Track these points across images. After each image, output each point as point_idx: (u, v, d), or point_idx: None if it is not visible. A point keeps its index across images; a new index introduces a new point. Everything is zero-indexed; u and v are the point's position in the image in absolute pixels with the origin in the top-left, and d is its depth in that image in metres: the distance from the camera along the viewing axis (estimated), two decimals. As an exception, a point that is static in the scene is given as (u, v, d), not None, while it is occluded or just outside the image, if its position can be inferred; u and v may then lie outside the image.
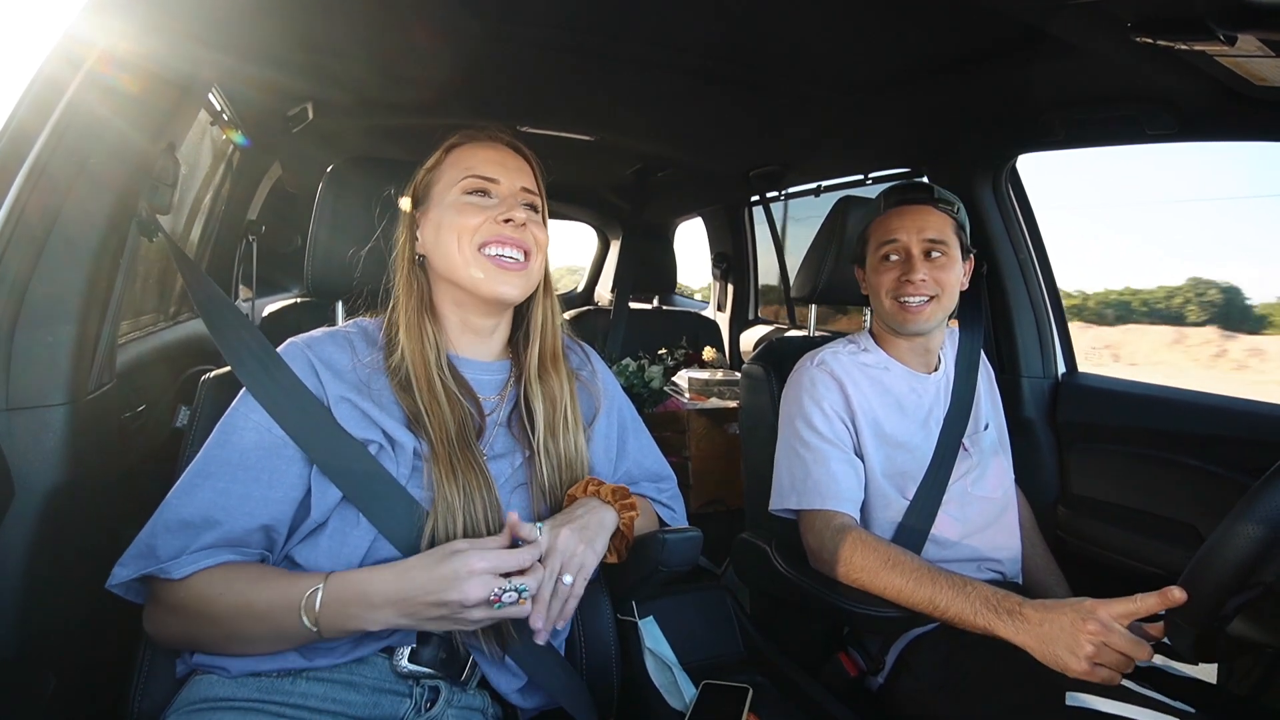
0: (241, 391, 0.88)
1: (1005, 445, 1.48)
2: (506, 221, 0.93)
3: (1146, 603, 0.92)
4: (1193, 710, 0.95)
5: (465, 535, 0.85)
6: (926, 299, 1.31)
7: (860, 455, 1.33)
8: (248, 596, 0.79)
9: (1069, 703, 0.95)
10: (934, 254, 1.32)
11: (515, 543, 0.83)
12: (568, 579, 0.84)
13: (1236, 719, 0.99)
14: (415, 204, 0.99)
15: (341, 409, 0.87)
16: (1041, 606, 1.01)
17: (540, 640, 0.83)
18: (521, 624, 0.85)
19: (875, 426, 1.34)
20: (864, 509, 1.32)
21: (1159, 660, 1.10)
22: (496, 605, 0.76)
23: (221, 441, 0.85)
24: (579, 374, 1.08)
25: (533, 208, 0.99)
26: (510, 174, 0.97)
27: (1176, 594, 0.88)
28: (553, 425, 0.99)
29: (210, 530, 0.81)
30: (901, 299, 1.32)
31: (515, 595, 0.77)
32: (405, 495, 0.86)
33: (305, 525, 0.85)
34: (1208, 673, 1.23)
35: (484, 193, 0.95)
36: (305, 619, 0.77)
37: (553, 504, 0.97)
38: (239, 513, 0.82)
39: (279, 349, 0.91)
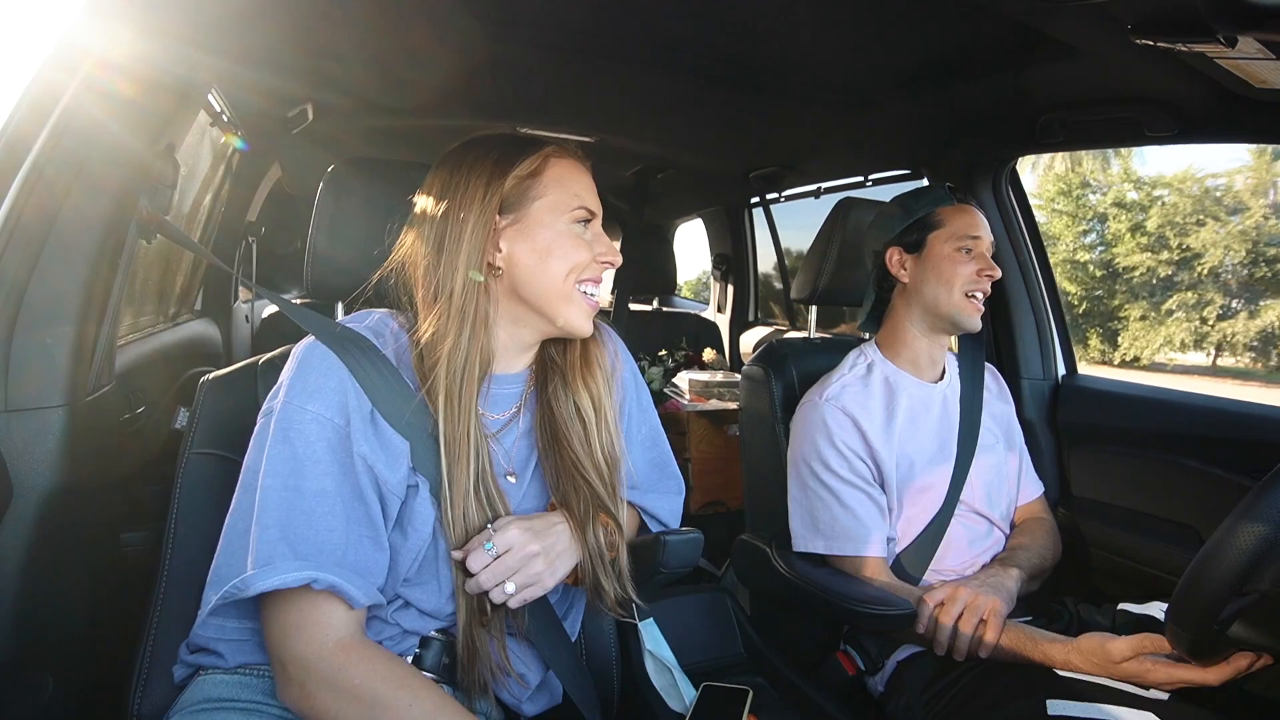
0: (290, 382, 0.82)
1: (1021, 456, 1.48)
2: (605, 263, 0.93)
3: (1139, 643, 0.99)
4: (1165, 696, 0.97)
5: None
6: (984, 295, 1.34)
7: (881, 485, 1.31)
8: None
9: (1050, 712, 0.97)
10: (990, 254, 1.35)
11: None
12: (510, 587, 0.84)
13: (1208, 700, 1.00)
14: (501, 209, 0.89)
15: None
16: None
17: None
18: (539, 614, 0.88)
19: (892, 452, 1.31)
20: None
21: None
22: None
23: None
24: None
25: None
26: (599, 205, 0.95)
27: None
28: (588, 426, 0.95)
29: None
30: (973, 293, 1.32)
31: None
32: None
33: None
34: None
35: (587, 224, 0.93)
36: None
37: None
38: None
39: (308, 346, 0.85)
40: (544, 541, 0.86)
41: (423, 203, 0.91)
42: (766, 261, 3.43)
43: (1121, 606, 1.19)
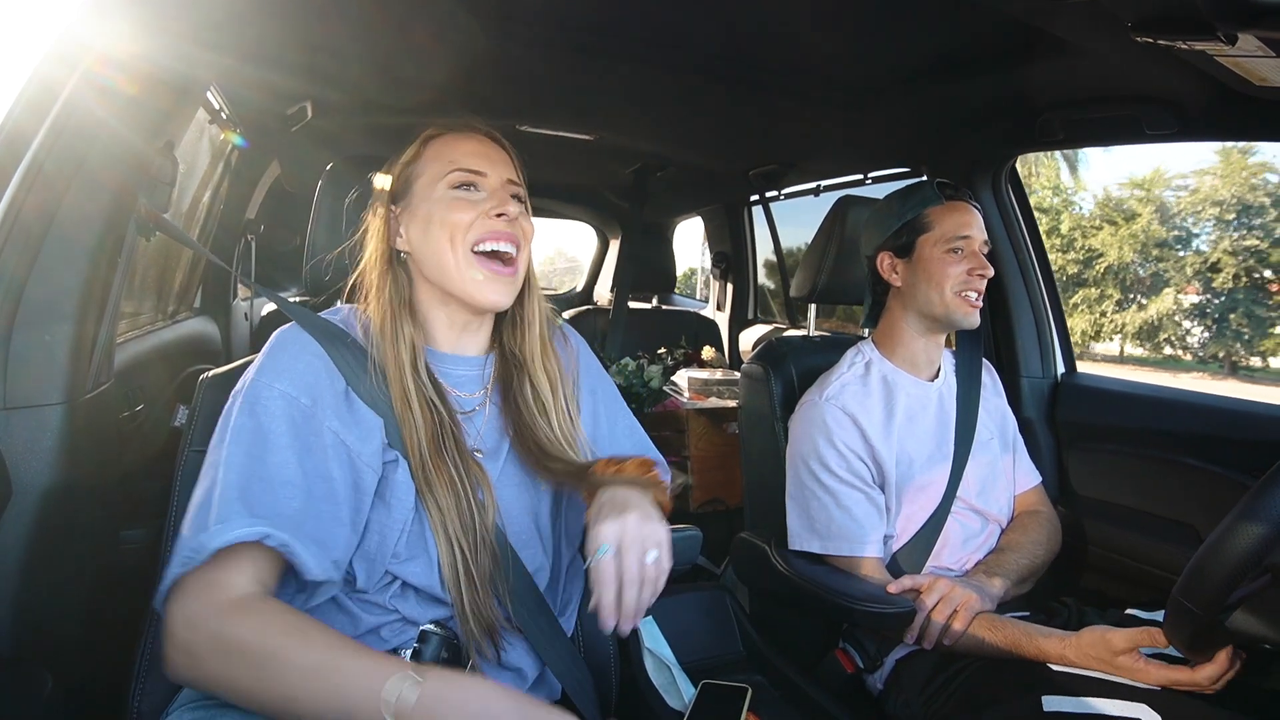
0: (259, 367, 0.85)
1: (1016, 448, 1.48)
2: (499, 216, 0.91)
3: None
4: (1158, 689, 0.97)
5: (462, 542, 0.84)
6: (978, 294, 1.33)
7: (880, 485, 1.32)
8: (327, 658, 0.69)
9: (1046, 708, 0.98)
10: (984, 252, 1.34)
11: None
12: (652, 555, 0.80)
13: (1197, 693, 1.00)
14: (393, 199, 0.96)
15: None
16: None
17: (625, 628, 0.78)
18: (533, 612, 0.89)
19: (891, 450, 1.32)
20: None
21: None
22: None
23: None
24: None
25: (518, 199, 0.97)
26: (495, 166, 0.95)
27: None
28: (549, 411, 0.97)
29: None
30: (966, 293, 1.31)
31: None
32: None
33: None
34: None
35: (472, 185, 0.93)
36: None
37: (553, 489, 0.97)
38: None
39: (282, 330, 0.90)
40: (628, 505, 0.82)
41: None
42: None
43: (1129, 612, 1.20)
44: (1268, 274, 13.53)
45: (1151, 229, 14.79)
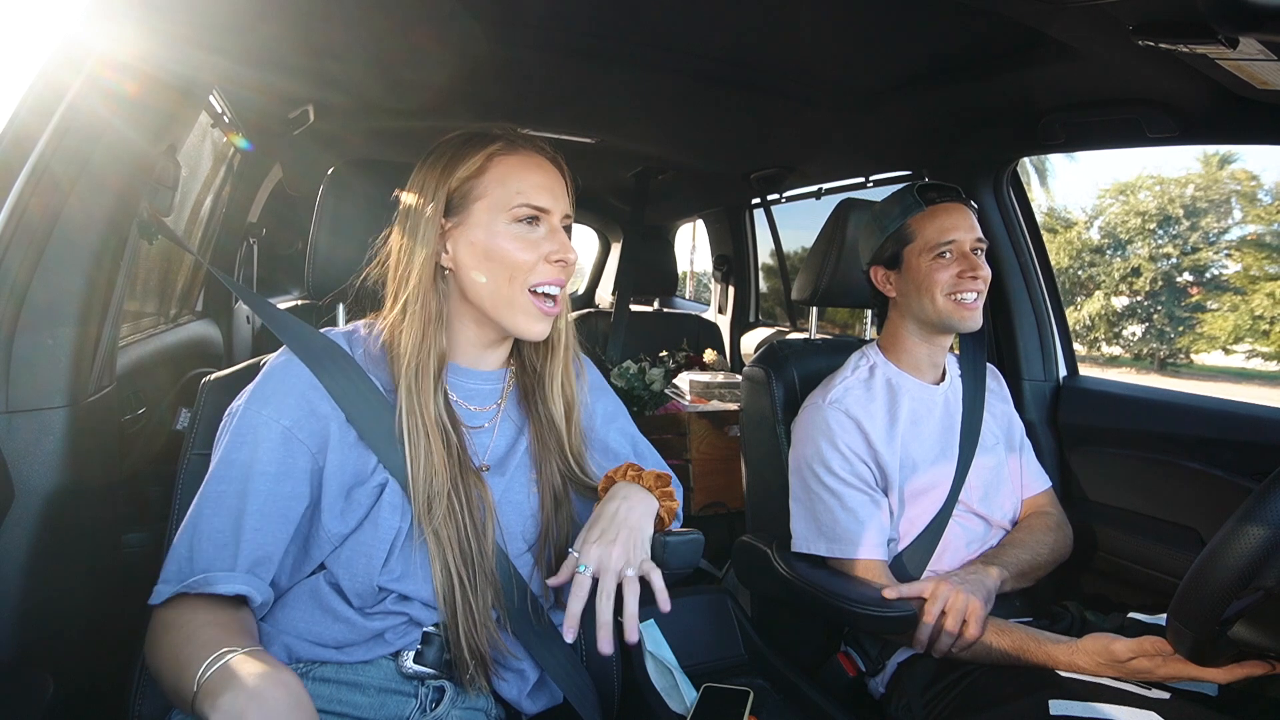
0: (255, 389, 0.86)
1: (1024, 453, 1.48)
2: (558, 261, 0.90)
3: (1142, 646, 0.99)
4: (1167, 695, 0.96)
5: (461, 572, 0.85)
6: (977, 295, 1.32)
7: (883, 488, 1.32)
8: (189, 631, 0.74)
9: (1053, 712, 0.97)
10: (978, 252, 1.33)
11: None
12: (630, 571, 0.82)
13: (1208, 699, 1.00)
14: (446, 211, 0.90)
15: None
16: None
17: (603, 644, 0.80)
18: (529, 622, 0.89)
19: (895, 454, 1.31)
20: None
21: None
22: None
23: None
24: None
25: (568, 230, 0.95)
26: (558, 200, 0.92)
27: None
28: (567, 429, 0.98)
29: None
30: (959, 296, 1.31)
31: None
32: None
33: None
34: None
35: (534, 220, 0.90)
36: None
37: (558, 505, 0.96)
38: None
39: (275, 358, 0.90)
40: (620, 530, 0.85)
41: (402, 200, 0.94)
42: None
43: (1132, 615, 1.19)
44: (1187, 277, 15.32)
45: (1084, 237, 16.46)
